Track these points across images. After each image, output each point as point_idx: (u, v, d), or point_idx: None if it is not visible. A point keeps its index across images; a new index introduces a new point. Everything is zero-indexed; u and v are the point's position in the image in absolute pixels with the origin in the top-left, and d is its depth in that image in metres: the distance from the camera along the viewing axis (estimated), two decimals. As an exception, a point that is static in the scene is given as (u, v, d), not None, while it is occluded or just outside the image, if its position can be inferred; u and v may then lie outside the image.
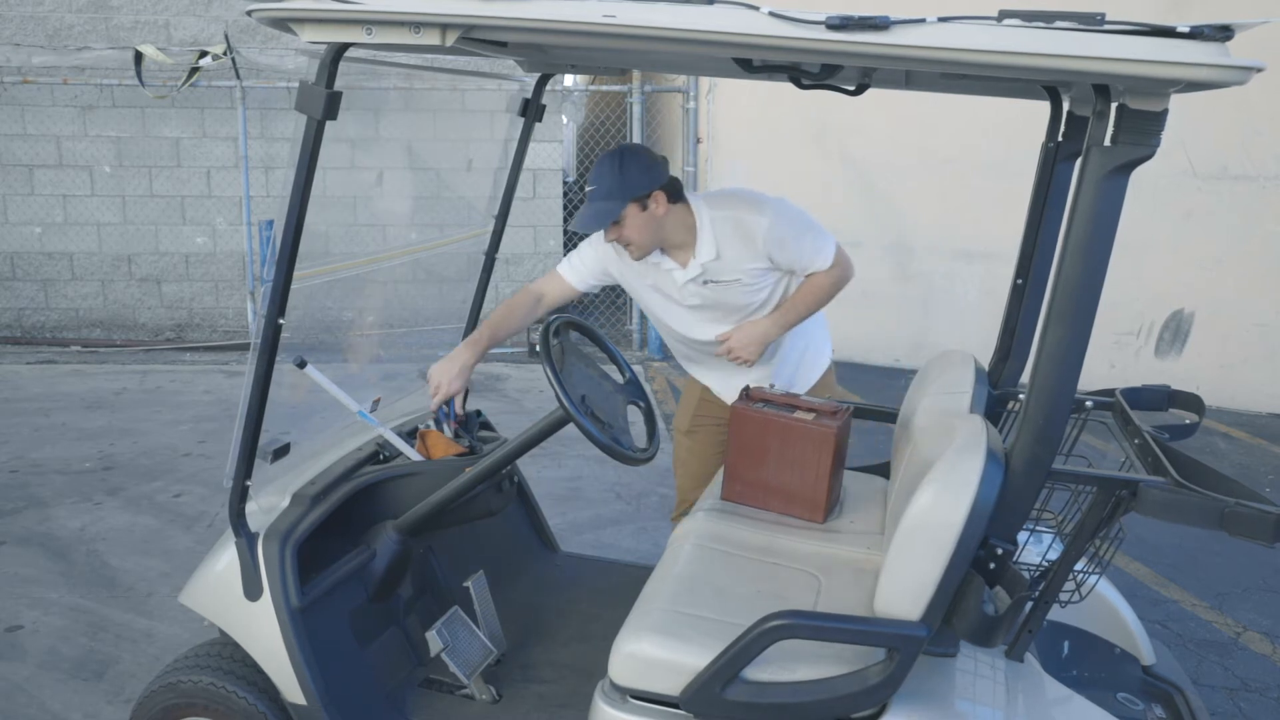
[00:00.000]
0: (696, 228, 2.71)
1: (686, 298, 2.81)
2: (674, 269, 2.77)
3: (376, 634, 2.45)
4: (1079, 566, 1.94)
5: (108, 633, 3.47)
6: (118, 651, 3.35)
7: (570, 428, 2.25)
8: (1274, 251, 6.48)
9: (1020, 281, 2.45)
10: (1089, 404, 2.24)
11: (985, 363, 2.54)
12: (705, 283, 2.76)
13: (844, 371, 3.53)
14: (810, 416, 2.48)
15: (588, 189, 2.66)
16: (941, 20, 1.50)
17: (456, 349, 2.70)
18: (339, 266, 2.46)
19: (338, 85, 1.85)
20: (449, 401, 2.67)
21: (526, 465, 3.24)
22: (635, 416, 2.55)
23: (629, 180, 2.61)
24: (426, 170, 8.01)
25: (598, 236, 2.84)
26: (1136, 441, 1.98)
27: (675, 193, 2.69)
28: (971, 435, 1.83)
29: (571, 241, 9.09)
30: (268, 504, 2.31)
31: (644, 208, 2.63)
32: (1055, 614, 2.16)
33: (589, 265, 2.88)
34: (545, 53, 2.40)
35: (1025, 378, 1.93)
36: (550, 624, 2.74)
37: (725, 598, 2.08)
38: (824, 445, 2.42)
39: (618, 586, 2.84)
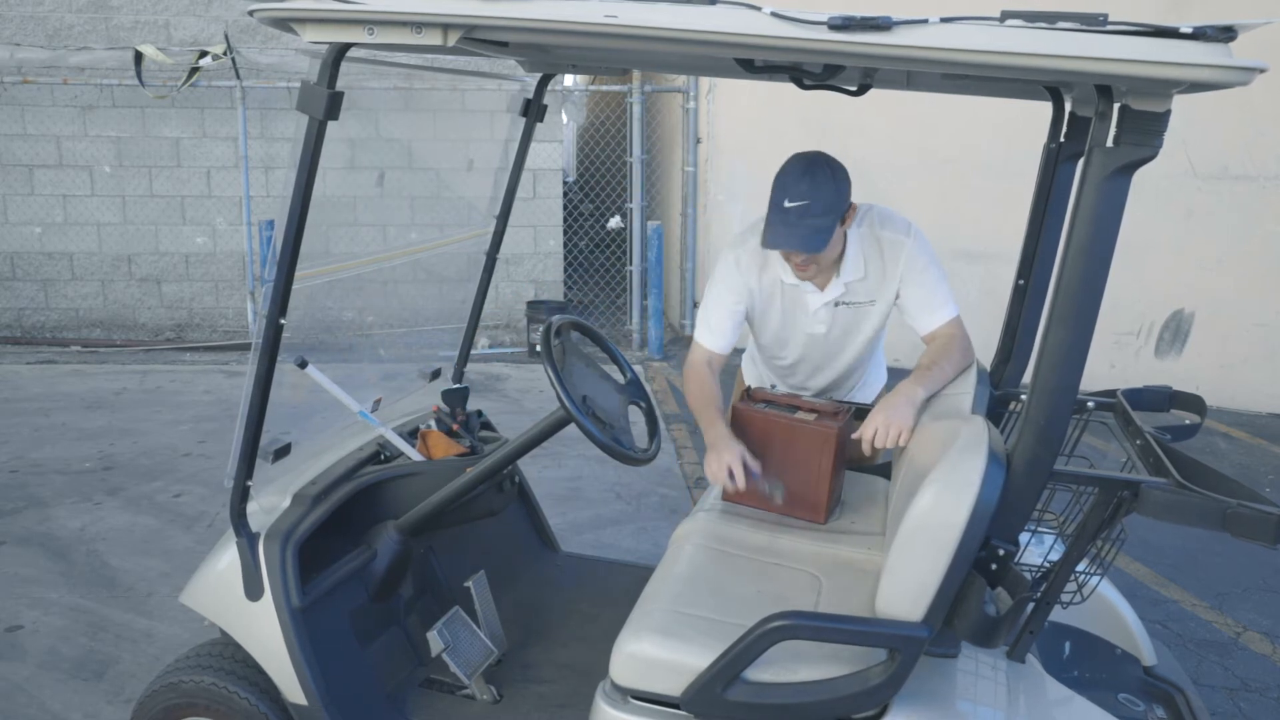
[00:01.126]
0: (846, 244, 2.51)
1: (815, 324, 2.61)
2: (810, 291, 2.57)
3: (377, 634, 2.45)
4: (1080, 567, 1.94)
5: (108, 633, 3.46)
6: (118, 651, 3.34)
7: (571, 428, 2.25)
8: (1274, 251, 6.48)
9: (1022, 282, 2.45)
10: (1090, 405, 2.23)
11: (986, 363, 2.54)
12: (841, 304, 2.57)
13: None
14: (812, 417, 2.48)
15: (792, 203, 2.33)
16: (944, 21, 1.49)
17: (720, 435, 2.42)
18: (340, 267, 2.46)
19: (339, 85, 1.85)
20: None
21: (527, 465, 3.24)
22: (636, 416, 2.55)
23: (843, 192, 2.38)
24: (427, 170, 8.01)
25: (725, 283, 2.60)
26: (1138, 442, 1.98)
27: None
28: (973, 436, 1.83)
29: (571, 241, 9.10)
30: (269, 504, 2.31)
31: (843, 223, 2.43)
32: (1056, 615, 2.16)
33: (731, 320, 2.61)
34: (546, 53, 2.40)
35: (1026, 378, 1.93)
36: (551, 624, 2.74)
37: (726, 598, 2.08)
38: (825, 446, 2.42)
39: (618, 587, 2.84)
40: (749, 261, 2.61)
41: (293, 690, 2.15)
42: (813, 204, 2.33)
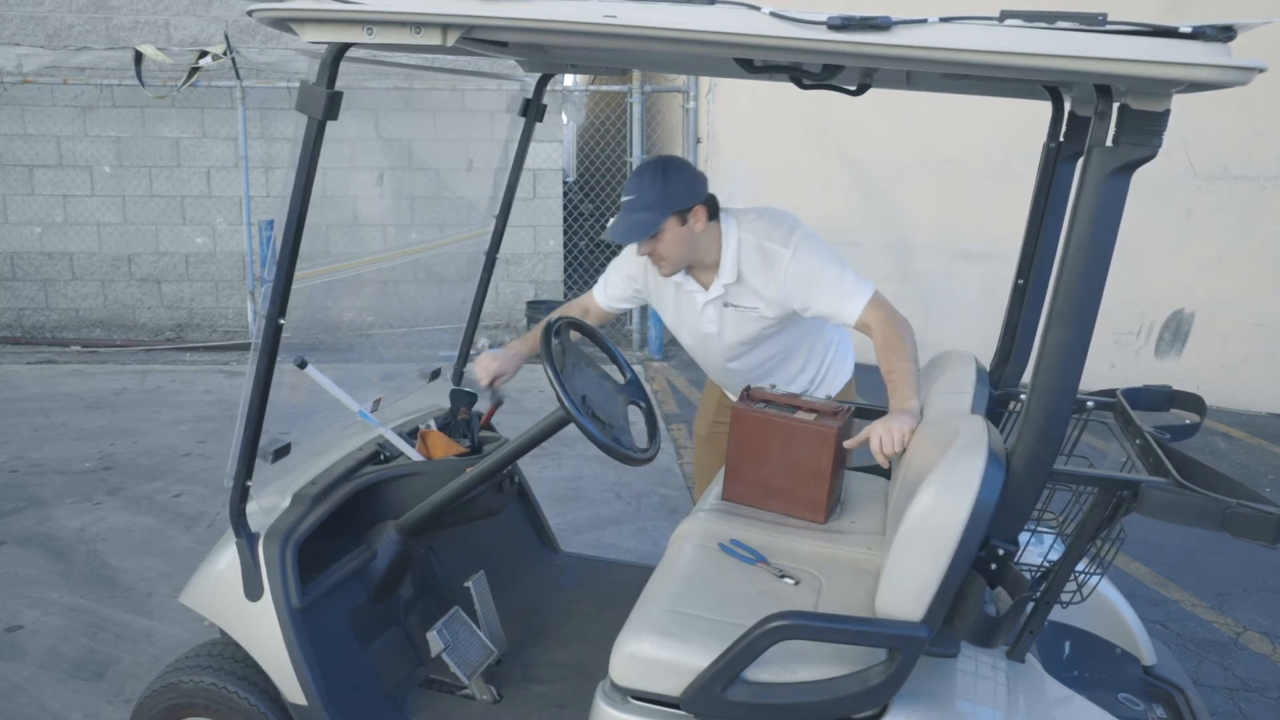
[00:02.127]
0: (722, 248, 2.61)
1: (704, 323, 2.72)
2: (695, 290, 2.69)
3: (377, 634, 2.45)
4: (1080, 567, 1.94)
5: (108, 633, 3.47)
6: (118, 651, 3.34)
7: (571, 428, 2.25)
8: (1274, 251, 6.48)
9: (1021, 282, 2.45)
10: (1090, 404, 2.23)
11: (986, 363, 2.54)
12: (725, 305, 2.67)
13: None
14: (811, 417, 2.48)
15: (624, 198, 2.53)
16: (943, 20, 1.49)
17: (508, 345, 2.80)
18: (339, 267, 2.46)
19: (338, 85, 1.85)
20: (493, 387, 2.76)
21: (527, 465, 3.24)
22: (636, 416, 2.55)
23: (671, 192, 2.49)
24: (427, 170, 8.01)
25: (626, 257, 2.80)
26: (1138, 442, 1.98)
27: (714, 210, 2.59)
28: (972, 435, 1.82)
29: (571, 241, 9.10)
30: (268, 504, 2.31)
31: (683, 222, 2.52)
32: (1056, 614, 2.16)
33: (620, 286, 2.86)
34: (546, 53, 2.40)
35: (1026, 378, 1.93)
36: (551, 624, 2.74)
37: (726, 598, 2.08)
38: (825, 445, 2.42)
39: (618, 586, 2.83)
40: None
41: (292, 690, 2.15)
42: (637, 199, 2.50)
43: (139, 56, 7.32)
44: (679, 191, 2.50)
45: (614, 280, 2.87)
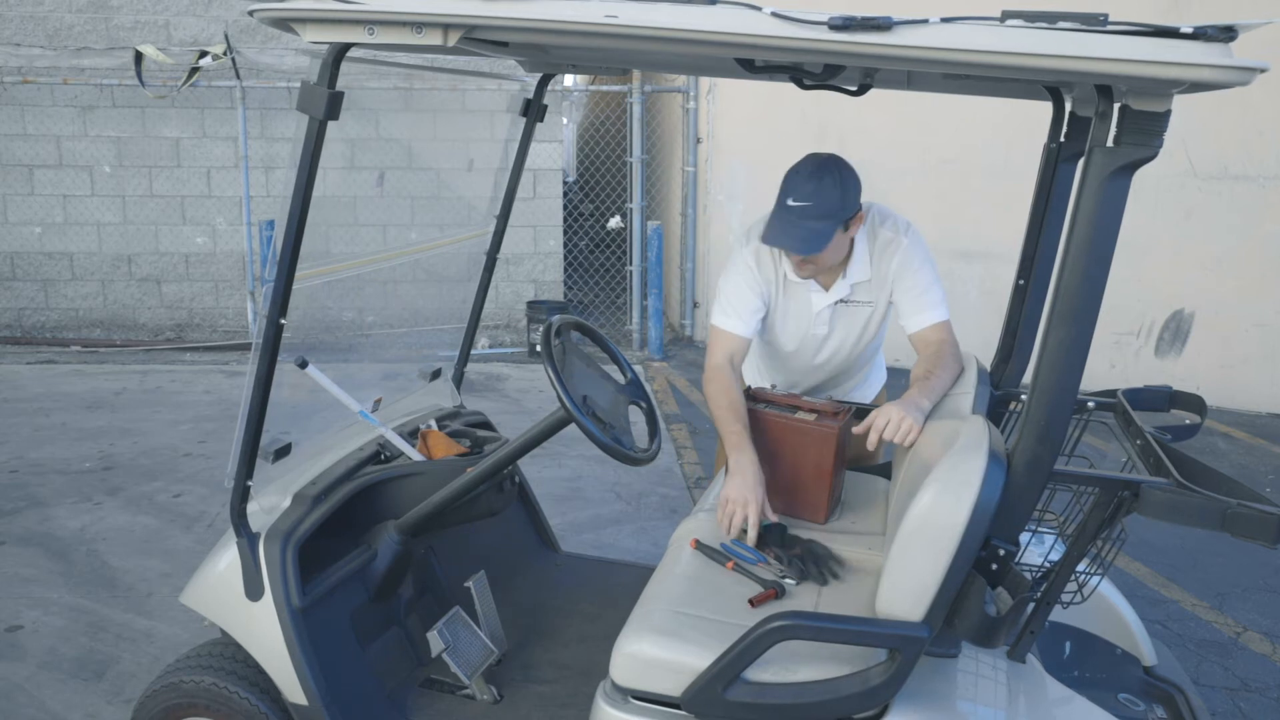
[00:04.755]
0: (854, 246, 2.52)
1: (818, 325, 2.63)
2: (815, 291, 2.58)
3: (377, 634, 2.45)
4: (1081, 568, 1.94)
5: (108, 633, 3.46)
6: (118, 651, 3.34)
7: (571, 428, 2.25)
8: (1274, 251, 6.48)
9: (1022, 282, 2.45)
10: (1091, 405, 2.24)
11: (986, 363, 2.54)
12: (844, 303, 2.58)
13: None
14: (812, 417, 2.48)
15: (794, 202, 2.35)
16: (944, 21, 1.49)
17: (738, 462, 2.34)
18: (340, 267, 2.46)
19: (339, 85, 1.85)
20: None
21: (527, 465, 3.24)
22: (636, 416, 2.55)
23: (849, 198, 2.37)
24: (427, 170, 8.01)
25: (746, 271, 2.59)
26: (1138, 442, 1.98)
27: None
28: (973, 436, 1.83)
29: (571, 241, 9.10)
30: (269, 504, 2.31)
31: (846, 229, 2.42)
32: (1057, 615, 2.16)
33: (751, 306, 2.59)
34: (546, 53, 2.40)
35: (1026, 378, 1.93)
36: (551, 624, 2.74)
37: (726, 598, 2.08)
38: (826, 445, 2.42)
39: (618, 586, 2.84)
40: (766, 256, 2.63)
41: (293, 690, 2.15)
42: (814, 205, 2.34)
43: (139, 56, 7.32)
44: (854, 198, 2.39)
45: (744, 303, 2.59)
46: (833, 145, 8.22)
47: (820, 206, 2.34)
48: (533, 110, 2.78)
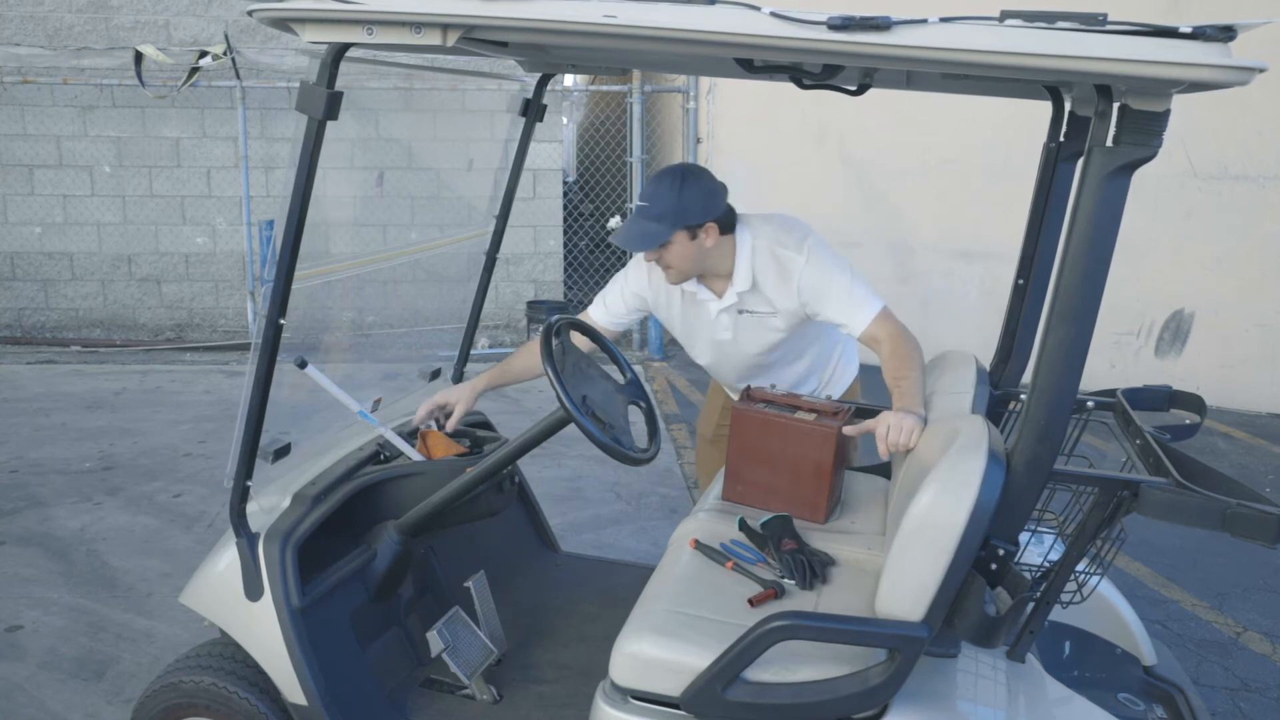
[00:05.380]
0: (736, 255, 2.59)
1: (719, 330, 2.72)
2: (709, 299, 2.67)
3: (377, 634, 2.45)
4: (1080, 567, 1.94)
5: (108, 633, 3.47)
6: (118, 651, 3.34)
7: (571, 428, 2.25)
8: (1274, 251, 6.48)
9: (1022, 282, 2.45)
10: (1090, 404, 2.24)
11: (986, 363, 2.54)
12: (740, 312, 2.66)
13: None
14: (811, 417, 2.48)
15: (638, 203, 2.53)
16: (943, 20, 1.49)
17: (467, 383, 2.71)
18: (340, 267, 2.46)
19: (338, 85, 1.85)
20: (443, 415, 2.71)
21: (527, 465, 3.23)
22: (636, 416, 2.55)
23: (686, 206, 2.47)
24: (427, 170, 8.01)
25: (632, 272, 2.77)
26: (1138, 442, 1.98)
27: (728, 225, 2.56)
28: (973, 436, 1.83)
29: (571, 241, 9.10)
30: (269, 504, 2.31)
31: (693, 237, 2.50)
32: (1056, 614, 2.16)
33: (624, 303, 2.79)
34: (546, 53, 2.40)
35: (1026, 378, 1.93)
36: (551, 624, 2.74)
37: (726, 598, 2.08)
38: (825, 445, 2.42)
39: (618, 586, 2.84)
40: (650, 267, 2.72)
41: (293, 690, 2.15)
42: (650, 207, 2.48)
43: (139, 56, 7.32)
44: (692, 207, 2.47)
45: (615, 298, 2.80)
46: (833, 145, 8.23)
47: (655, 209, 2.47)
48: (532, 110, 2.78)
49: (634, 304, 2.80)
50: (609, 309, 2.81)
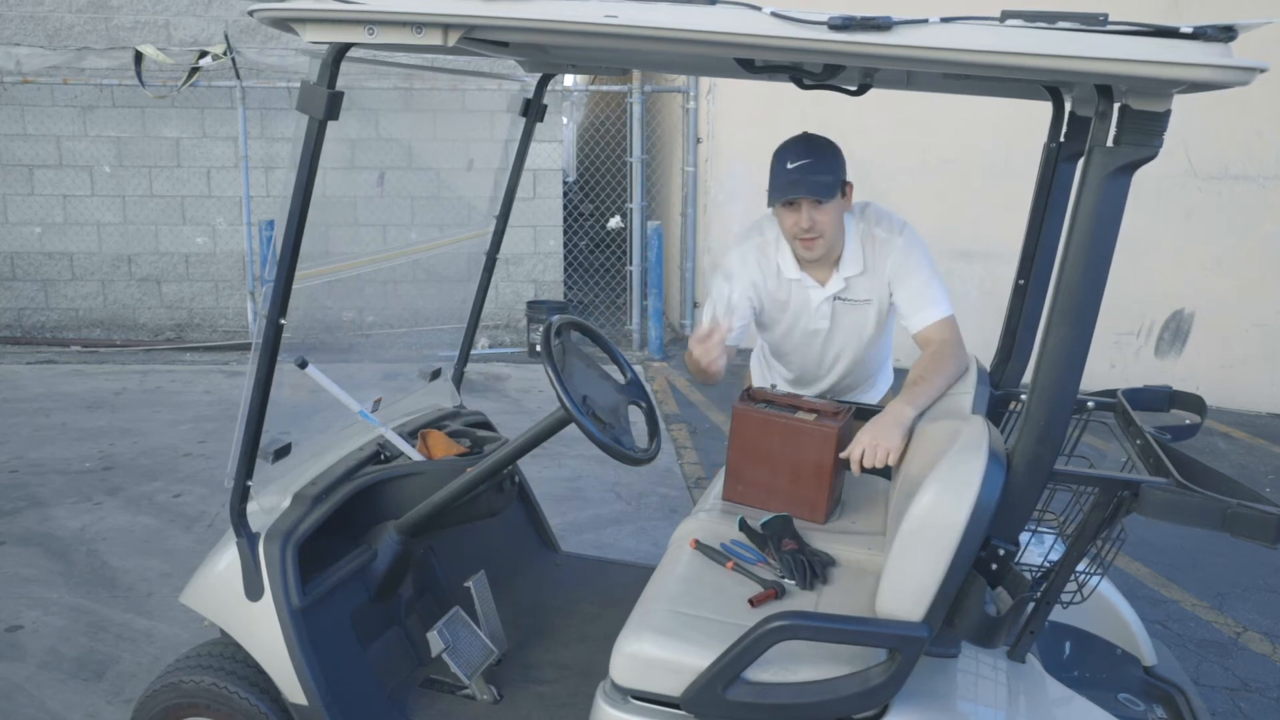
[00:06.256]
0: (846, 237, 2.58)
1: (817, 319, 2.67)
2: (812, 287, 2.64)
3: (378, 634, 2.45)
4: (1081, 567, 1.94)
5: (108, 633, 3.46)
6: (118, 651, 3.34)
7: (571, 428, 2.25)
8: (1274, 251, 6.48)
9: (1022, 282, 2.45)
10: (1090, 404, 2.23)
11: (986, 363, 2.54)
12: (839, 300, 2.63)
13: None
14: (812, 417, 2.48)
15: (797, 163, 2.45)
16: (944, 20, 1.49)
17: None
18: (340, 267, 2.46)
19: (339, 85, 1.85)
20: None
21: (527, 465, 3.23)
22: (636, 416, 2.55)
23: (842, 161, 2.50)
24: (427, 170, 8.01)
25: (737, 273, 2.64)
26: (1138, 442, 1.98)
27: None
28: (973, 436, 1.83)
29: (571, 241, 9.10)
30: (269, 504, 2.31)
31: (844, 194, 2.53)
32: (1057, 614, 2.16)
33: (747, 301, 2.65)
34: (546, 53, 2.40)
35: (1026, 378, 1.93)
36: (551, 624, 2.74)
37: (726, 598, 2.08)
38: (825, 446, 2.42)
39: (618, 586, 2.84)
40: (756, 256, 2.69)
41: (293, 690, 2.15)
42: (815, 162, 2.46)
43: (139, 56, 7.32)
44: (844, 164, 2.52)
45: (738, 300, 2.64)
46: (833, 145, 8.09)
47: (821, 162, 2.46)
48: (533, 110, 2.78)
49: (747, 308, 2.66)
50: (738, 314, 2.65)
